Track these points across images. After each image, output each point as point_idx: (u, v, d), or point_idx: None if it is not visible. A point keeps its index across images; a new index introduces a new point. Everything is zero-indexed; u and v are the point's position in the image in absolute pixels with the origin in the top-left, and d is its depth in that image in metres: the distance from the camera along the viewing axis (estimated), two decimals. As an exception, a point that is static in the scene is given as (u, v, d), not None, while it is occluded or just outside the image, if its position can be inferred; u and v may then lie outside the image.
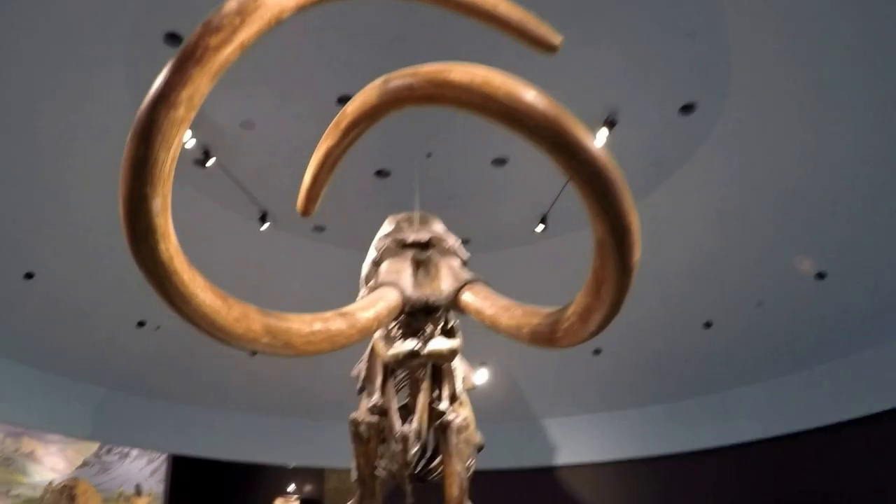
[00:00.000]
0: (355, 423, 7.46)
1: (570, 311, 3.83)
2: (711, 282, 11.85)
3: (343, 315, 4.30)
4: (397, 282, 5.18)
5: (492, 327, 4.76)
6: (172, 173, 2.84)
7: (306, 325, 3.91)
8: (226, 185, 10.86)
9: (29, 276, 10.96)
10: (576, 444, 15.29)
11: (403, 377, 7.50)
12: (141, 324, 12.42)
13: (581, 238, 11.90)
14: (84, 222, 10.73)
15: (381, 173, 10.67)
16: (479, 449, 8.51)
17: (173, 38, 8.43)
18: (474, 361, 8.99)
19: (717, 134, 10.12)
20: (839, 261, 10.99)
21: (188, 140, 9.84)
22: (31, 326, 11.86)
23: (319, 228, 12.11)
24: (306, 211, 6.16)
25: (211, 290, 3.43)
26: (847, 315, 11.58)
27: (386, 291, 5.03)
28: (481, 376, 10.65)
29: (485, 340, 9.34)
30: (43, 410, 13.00)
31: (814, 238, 10.86)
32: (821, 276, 11.14)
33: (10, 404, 12.45)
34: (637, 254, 3.09)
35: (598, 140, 9.62)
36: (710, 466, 14.18)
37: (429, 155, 10.16)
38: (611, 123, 9.61)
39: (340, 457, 10.20)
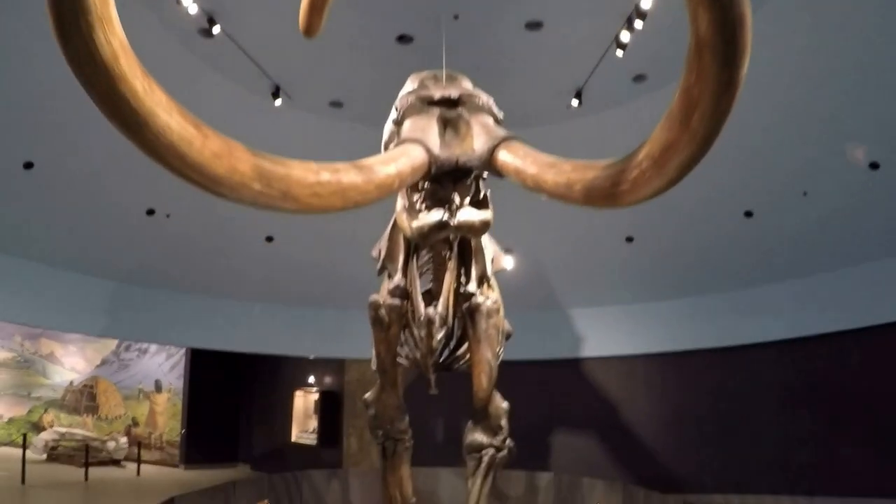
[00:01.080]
0: (375, 307, 6.84)
1: (640, 155, 3.09)
2: (754, 166, 10.93)
3: (359, 167, 3.55)
4: (423, 139, 4.46)
5: (535, 189, 4.01)
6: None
7: (311, 173, 3.17)
8: (235, 58, 9.94)
9: (28, 165, 10.26)
10: (604, 335, 14.70)
11: (427, 258, 6.86)
12: (150, 212, 11.78)
13: (619, 116, 11.18)
14: (83, 108, 9.91)
15: (402, 39, 9.67)
16: (508, 337, 7.94)
17: None
18: (501, 247, 8.34)
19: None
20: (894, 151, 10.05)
21: (190, 5, 8.86)
22: (35, 220, 11.29)
23: (336, 104, 11.19)
24: (310, 29, 5.34)
25: (179, 112, 2.60)
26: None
27: (410, 147, 4.29)
28: (508, 262, 9.97)
29: (511, 225, 8.66)
30: (57, 309, 12.53)
31: (870, 125, 9.87)
32: (874, 166, 10.22)
33: (24, 304, 11.99)
34: (747, 57, 2.37)
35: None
36: (740, 363, 13.67)
37: (456, 17, 9.10)
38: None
39: (361, 347, 9.73)
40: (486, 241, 7.24)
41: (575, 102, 10.78)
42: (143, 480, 15.73)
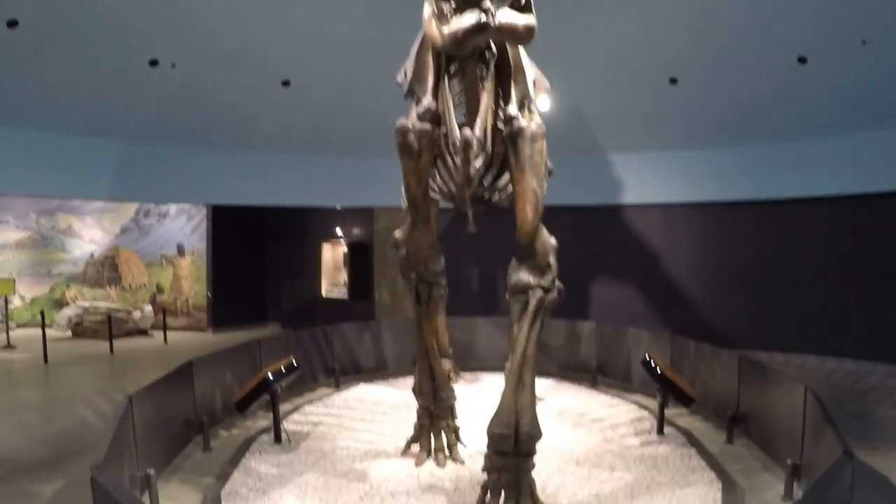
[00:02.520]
0: (403, 132, 6.00)
1: None
2: (811, 8, 9.65)
3: None
4: None
5: None
6: None
7: None
8: None
9: (12, 24, 9.15)
10: (644, 182, 13.82)
11: (459, 82, 5.97)
12: (154, 62, 10.77)
13: None
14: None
15: None
16: (549, 174, 7.11)
17: None
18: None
19: None
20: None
21: None
22: (31, 86, 10.35)
23: None
24: None
25: None
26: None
27: None
28: (544, 103, 9.00)
29: (548, 65, 7.63)
30: (67, 176, 11.85)
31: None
32: None
33: (33, 174, 11.34)
34: None
35: None
36: (785, 218, 12.95)
37: None
38: None
39: (391, 195, 8.95)
40: (527, 62, 6.31)
41: None
42: (170, 348, 15.47)
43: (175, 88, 11.26)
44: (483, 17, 4.49)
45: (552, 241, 5.87)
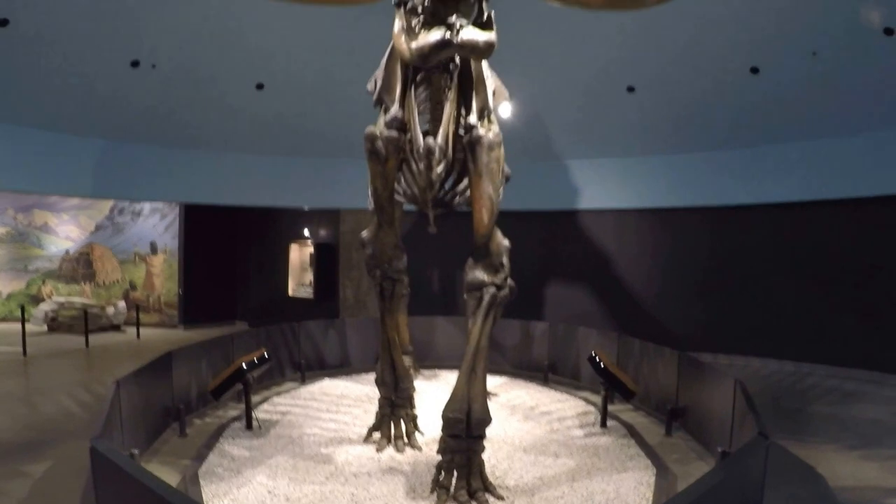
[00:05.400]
0: (372, 138, 6.52)
1: None
2: (764, 20, 10.26)
3: None
4: None
5: None
6: None
7: None
8: None
9: (2, 23, 9.51)
10: (600, 188, 14.41)
11: (425, 91, 6.48)
12: (135, 64, 11.14)
13: None
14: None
15: None
16: (507, 180, 7.63)
17: None
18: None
19: None
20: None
21: None
22: (15, 82, 10.64)
23: None
24: None
25: None
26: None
27: None
28: (505, 110, 9.55)
29: (510, 72, 8.15)
30: (45, 172, 12.08)
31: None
32: (888, 32, 9.57)
33: (11, 170, 11.56)
34: None
35: None
36: (735, 224, 13.58)
37: None
38: None
39: (357, 197, 9.42)
40: (488, 73, 6.85)
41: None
42: (143, 343, 15.81)
43: (154, 89, 11.66)
44: (447, 35, 4.92)
45: (506, 242, 6.44)
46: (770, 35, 10.28)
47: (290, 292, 17.59)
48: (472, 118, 6.30)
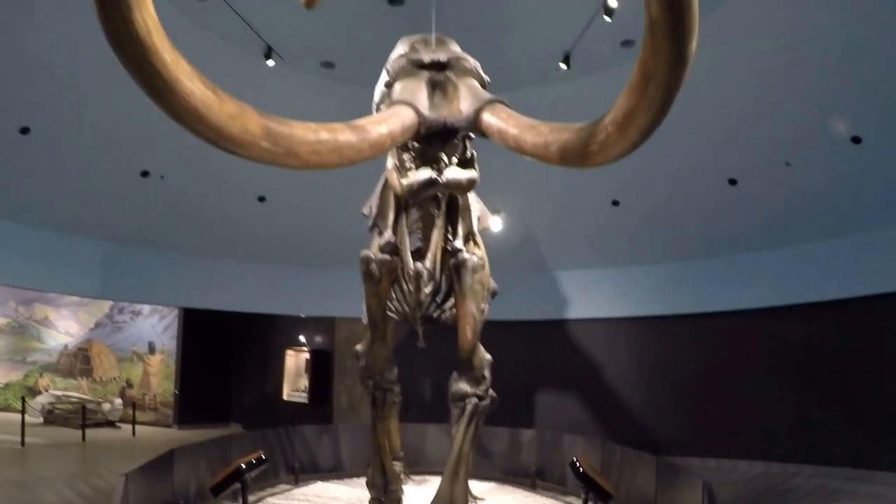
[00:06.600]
0: (366, 261, 7.18)
1: (606, 120, 3.44)
2: (739, 136, 11.13)
3: (353, 128, 3.95)
4: (412, 101, 4.74)
5: (516, 149, 4.37)
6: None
7: (311, 132, 3.57)
8: (227, 18, 10.07)
9: (24, 130, 10.38)
10: (588, 298, 15.04)
11: (417, 216, 7.16)
12: (145, 174, 11.94)
13: (606, 80, 11.31)
14: (79, 75, 10.03)
15: (394, 1, 9.85)
16: (493, 295, 8.25)
17: None
18: (489, 209, 8.63)
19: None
20: (877, 126, 10.22)
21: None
22: (31, 184, 11.38)
23: (328, 65, 11.31)
24: (311, 1, 5.55)
25: (200, 80, 2.99)
26: (881, 184, 10.85)
27: (400, 109, 4.62)
28: (496, 224, 10.26)
29: (499, 188, 8.89)
30: (52, 271, 12.62)
31: (853, 100, 10.04)
32: (856, 140, 10.44)
33: (19, 267, 12.12)
34: (695, 38, 2.71)
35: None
36: (720, 330, 13.93)
37: (446, -21, 9.29)
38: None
39: (352, 306, 9.99)
40: (473, 200, 7.56)
41: (563, 67, 10.94)
42: (138, 440, 16.14)
43: (162, 198, 12.35)
44: (433, 174, 5.56)
45: (488, 356, 7.05)
46: (747, 148, 11.11)
47: (285, 396, 17.91)
48: (458, 242, 6.96)
